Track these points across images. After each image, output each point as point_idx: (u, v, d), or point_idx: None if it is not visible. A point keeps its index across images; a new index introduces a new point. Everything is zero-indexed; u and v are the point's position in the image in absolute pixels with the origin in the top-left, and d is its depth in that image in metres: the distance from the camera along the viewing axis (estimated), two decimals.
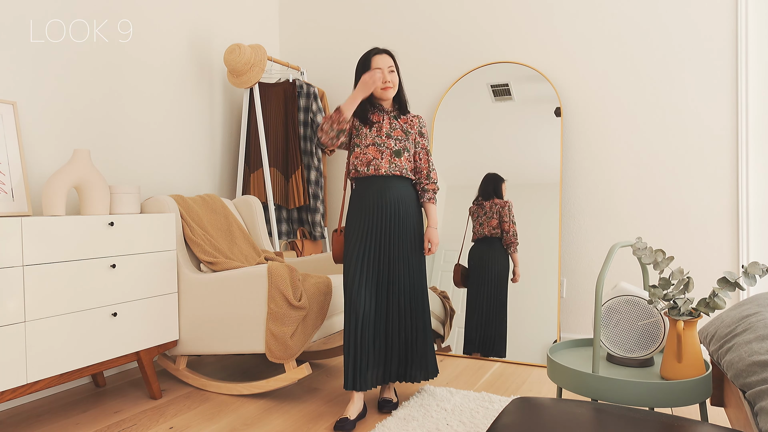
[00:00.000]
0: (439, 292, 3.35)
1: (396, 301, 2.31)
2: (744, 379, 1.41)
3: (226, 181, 3.63)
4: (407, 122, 2.40)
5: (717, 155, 2.97)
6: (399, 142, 2.35)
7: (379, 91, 2.34)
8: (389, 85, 2.34)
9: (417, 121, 2.43)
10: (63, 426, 2.27)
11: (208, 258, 2.65)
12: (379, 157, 2.32)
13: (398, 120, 2.39)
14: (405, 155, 2.35)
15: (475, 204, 3.33)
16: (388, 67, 2.34)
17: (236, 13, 3.70)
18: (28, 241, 2.04)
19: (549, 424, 1.22)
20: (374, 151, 2.33)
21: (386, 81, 2.33)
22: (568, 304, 3.30)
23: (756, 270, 1.63)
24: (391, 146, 2.33)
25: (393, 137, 2.35)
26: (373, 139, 2.34)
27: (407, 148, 2.37)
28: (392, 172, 2.32)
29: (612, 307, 1.86)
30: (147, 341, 2.49)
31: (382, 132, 2.34)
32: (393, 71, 2.35)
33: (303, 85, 3.60)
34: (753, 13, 2.88)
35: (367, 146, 2.34)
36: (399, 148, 2.34)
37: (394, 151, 2.33)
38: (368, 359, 2.27)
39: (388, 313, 2.31)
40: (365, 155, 2.33)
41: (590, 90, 3.23)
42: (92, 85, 2.79)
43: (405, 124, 2.39)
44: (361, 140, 2.35)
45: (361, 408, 2.31)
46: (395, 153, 2.33)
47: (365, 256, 2.28)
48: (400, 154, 2.34)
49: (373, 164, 2.32)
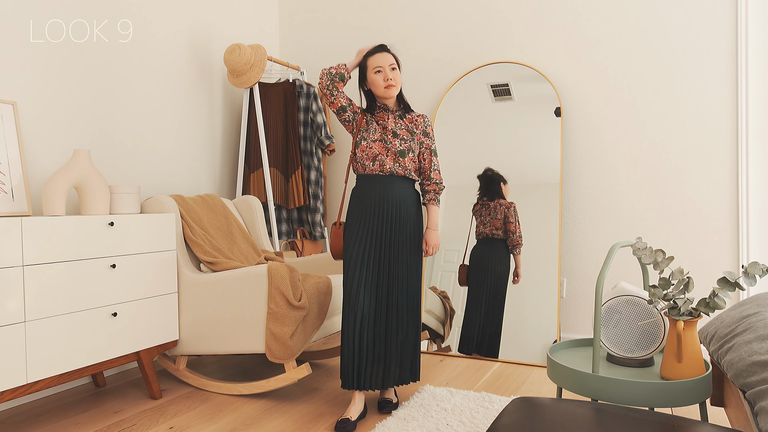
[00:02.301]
0: (439, 292, 3.35)
1: (395, 302, 2.31)
2: (744, 379, 1.41)
3: (226, 181, 3.63)
4: (412, 122, 2.38)
5: (717, 155, 2.97)
6: (404, 142, 2.34)
7: (383, 90, 2.32)
8: (392, 83, 2.31)
9: (422, 120, 2.40)
10: (63, 426, 2.27)
11: (208, 258, 2.65)
12: (385, 153, 2.31)
13: (403, 119, 2.38)
14: (409, 156, 2.34)
15: (479, 203, 3.32)
16: (390, 65, 2.32)
17: (236, 13, 3.70)
18: (28, 241, 2.04)
19: (549, 424, 1.22)
20: (380, 146, 2.32)
21: (388, 79, 2.30)
22: (568, 304, 3.30)
23: (756, 270, 1.63)
24: (396, 146, 2.32)
25: (399, 137, 2.33)
26: (380, 135, 2.33)
27: (412, 149, 2.35)
28: (396, 171, 2.32)
29: (612, 307, 1.86)
30: (147, 341, 2.49)
31: (387, 131, 2.33)
32: (395, 69, 2.33)
33: (303, 85, 3.60)
34: (753, 13, 2.88)
35: (374, 141, 2.32)
36: (404, 148, 2.33)
37: (399, 151, 2.32)
38: (368, 358, 2.27)
39: (388, 313, 2.30)
40: (371, 149, 2.32)
41: (590, 90, 3.23)
42: (92, 85, 2.79)
43: (410, 124, 2.38)
44: (369, 134, 2.34)
45: (362, 408, 2.31)
46: (399, 153, 2.32)
47: (365, 256, 2.28)
48: (405, 154, 2.33)
49: (378, 159, 2.31)
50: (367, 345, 2.27)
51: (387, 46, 2.36)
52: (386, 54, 2.33)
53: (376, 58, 2.32)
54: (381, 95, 2.34)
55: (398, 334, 2.32)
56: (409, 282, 2.34)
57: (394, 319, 2.31)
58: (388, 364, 2.31)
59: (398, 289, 2.32)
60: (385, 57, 2.32)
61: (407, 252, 2.34)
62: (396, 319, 2.32)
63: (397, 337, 2.32)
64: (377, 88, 2.32)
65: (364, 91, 2.40)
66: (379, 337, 2.29)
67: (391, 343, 2.31)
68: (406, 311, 2.34)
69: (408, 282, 2.34)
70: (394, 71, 2.32)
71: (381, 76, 2.30)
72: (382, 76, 2.30)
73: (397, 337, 2.32)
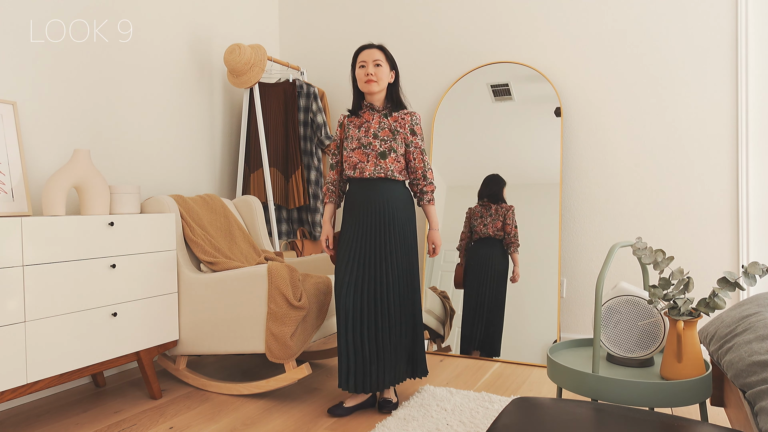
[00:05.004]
0: (440, 292, 3.35)
1: (386, 303, 2.30)
2: (744, 379, 1.41)
3: (226, 181, 3.63)
4: (397, 120, 2.34)
5: (717, 155, 2.97)
6: (384, 143, 2.30)
7: (363, 85, 2.30)
8: (372, 79, 2.28)
9: (409, 118, 2.34)
10: (63, 426, 2.27)
11: (208, 258, 2.65)
12: (365, 160, 2.30)
13: (388, 119, 2.34)
14: (392, 156, 2.30)
15: (480, 205, 3.32)
16: (374, 60, 2.29)
17: (236, 13, 3.70)
18: (28, 241, 2.04)
19: (549, 424, 1.22)
20: (359, 154, 2.31)
21: (368, 74, 2.28)
22: (568, 304, 3.30)
23: (756, 270, 1.63)
24: (377, 148, 2.30)
25: (379, 138, 2.30)
26: (359, 141, 2.32)
27: (393, 149, 2.30)
28: (377, 174, 2.30)
29: (612, 307, 1.86)
30: (147, 341, 2.49)
31: (369, 132, 2.31)
32: (379, 65, 2.29)
33: (303, 85, 3.60)
34: (753, 13, 2.88)
35: (353, 149, 2.33)
36: (384, 149, 2.29)
37: (379, 152, 2.29)
38: (358, 360, 2.28)
39: (378, 315, 2.29)
40: (351, 159, 2.33)
41: (590, 90, 3.23)
42: (92, 85, 2.79)
43: (394, 123, 2.33)
44: (349, 143, 2.35)
45: (361, 401, 2.35)
46: (380, 155, 2.29)
47: (351, 259, 2.30)
48: (385, 155, 2.29)
49: (358, 168, 2.31)
50: (356, 347, 2.27)
51: (377, 44, 2.35)
52: (372, 50, 2.31)
53: (362, 54, 2.32)
54: (363, 90, 2.33)
55: (391, 337, 2.30)
56: (401, 283, 2.32)
57: (386, 321, 2.29)
58: (382, 367, 2.29)
59: (389, 290, 2.30)
60: (370, 53, 2.30)
61: (397, 253, 2.32)
62: (388, 321, 2.30)
63: (390, 340, 2.30)
64: (359, 82, 2.32)
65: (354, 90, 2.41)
66: (369, 340, 2.29)
67: (382, 346, 2.29)
68: (399, 313, 2.32)
69: (401, 283, 2.32)
70: (378, 67, 2.29)
71: (363, 71, 2.30)
72: (364, 71, 2.29)
73: (390, 339, 2.30)
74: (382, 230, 2.31)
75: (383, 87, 2.33)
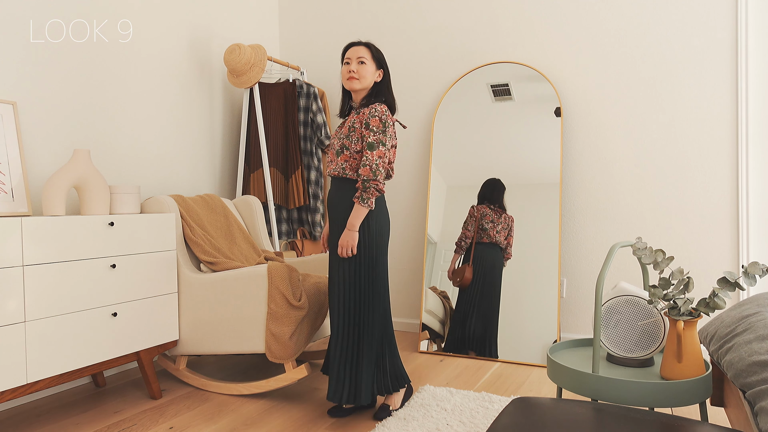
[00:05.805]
0: (440, 292, 3.35)
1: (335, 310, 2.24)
2: (744, 379, 1.41)
3: (226, 181, 3.63)
4: (358, 116, 2.24)
5: (717, 155, 2.97)
6: (339, 140, 2.26)
7: (345, 82, 2.28)
8: (354, 76, 2.24)
9: (367, 111, 2.20)
10: (63, 426, 2.27)
11: (208, 258, 2.65)
12: (331, 159, 2.30)
13: (357, 115, 2.26)
14: (345, 153, 2.22)
15: (490, 209, 3.30)
16: (358, 57, 2.25)
17: (236, 13, 3.70)
18: (28, 241, 2.04)
19: (549, 424, 1.22)
20: (331, 152, 2.31)
21: (350, 71, 2.24)
22: (568, 304, 3.30)
23: (756, 270, 1.63)
24: (335, 146, 2.28)
25: (338, 135, 2.29)
26: (332, 140, 2.33)
27: (346, 146, 2.22)
28: (334, 173, 2.28)
29: (612, 307, 1.86)
30: (147, 341, 2.49)
31: (340, 131, 2.30)
32: (363, 63, 2.25)
33: (303, 85, 3.60)
34: (753, 13, 2.88)
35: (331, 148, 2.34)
36: (338, 147, 2.26)
37: (336, 150, 2.27)
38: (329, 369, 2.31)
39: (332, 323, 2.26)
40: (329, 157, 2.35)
41: (590, 90, 3.23)
42: (92, 85, 2.79)
43: (355, 119, 2.24)
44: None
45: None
46: (336, 153, 2.27)
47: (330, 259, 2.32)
48: (338, 153, 2.25)
49: (329, 166, 2.32)
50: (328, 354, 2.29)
51: (365, 41, 2.33)
52: (358, 47, 2.27)
53: (347, 51, 2.30)
54: (345, 87, 2.31)
55: (336, 346, 2.23)
56: (343, 288, 2.22)
57: (334, 329, 2.25)
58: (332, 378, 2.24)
59: (332, 299, 2.26)
60: (355, 50, 2.27)
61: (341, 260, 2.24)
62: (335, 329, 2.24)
63: (335, 349, 2.24)
64: (342, 79, 2.30)
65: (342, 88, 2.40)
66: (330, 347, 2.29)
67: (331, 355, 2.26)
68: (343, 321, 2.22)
69: (343, 288, 2.22)
70: (362, 65, 2.24)
71: (347, 68, 2.27)
72: (348, 68, 2.27)
73: (336, 348, 2.23)
74: (334, 232, 2.30)
75: (366, 85, 2.26)
